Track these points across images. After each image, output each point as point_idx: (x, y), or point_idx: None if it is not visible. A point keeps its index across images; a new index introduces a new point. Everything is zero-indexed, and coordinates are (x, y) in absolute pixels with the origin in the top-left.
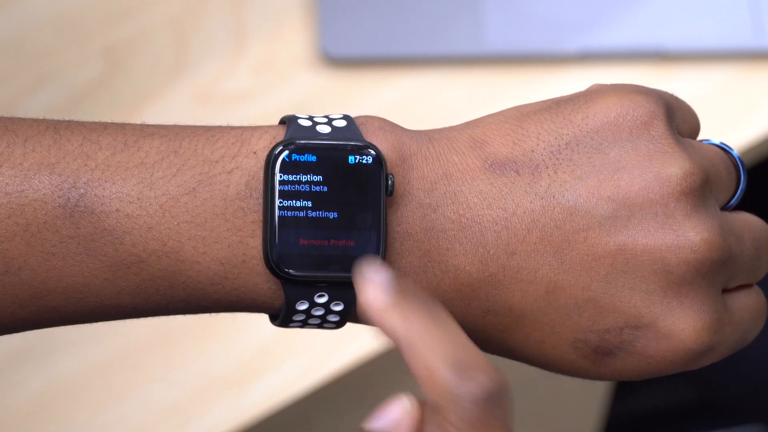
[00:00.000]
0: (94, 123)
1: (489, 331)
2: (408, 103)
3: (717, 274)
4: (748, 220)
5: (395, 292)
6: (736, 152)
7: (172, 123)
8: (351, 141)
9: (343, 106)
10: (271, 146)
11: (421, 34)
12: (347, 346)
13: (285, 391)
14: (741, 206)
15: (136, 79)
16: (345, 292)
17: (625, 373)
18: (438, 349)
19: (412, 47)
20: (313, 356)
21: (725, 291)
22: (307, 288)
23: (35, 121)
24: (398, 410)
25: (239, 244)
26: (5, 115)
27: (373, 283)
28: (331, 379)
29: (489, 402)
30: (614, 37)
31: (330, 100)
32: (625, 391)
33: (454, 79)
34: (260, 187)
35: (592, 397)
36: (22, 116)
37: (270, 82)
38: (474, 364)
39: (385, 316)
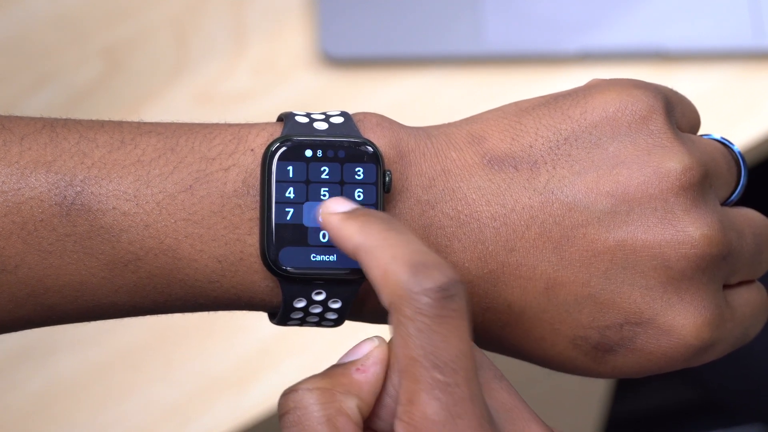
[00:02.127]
0: (91, 121)
1: (489, 328)
2: (408, 103)
3: (717, 270)
4: (748, 215)
5: (352, 208)
6: (736, 147)
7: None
8: (348, 137)
9: (343, 106)
10: (268, 143)
11: (421, 34)
12: (347, 346)
13: None
14: (742, 204)
15: (136, 79)
16: (343, 289)
17: (626, 370)
18: (394, 253)
19: (412, 47)
20: (313, 356)
21: (726, 287)
22: (304, 285)
23: (32, 119)
24: (369, 345)
25: (236, 241)
26: (3, 114)
27: (332, 200)
28: None
29: (442, 293)
30: (614, 37)
31: (330, 100)
32: (625, 390)
33: (454, 79)
34: (257, 184)
35: (592, 397)
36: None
37: (270, 82)
38: (429, 262)
39: (343, 226)
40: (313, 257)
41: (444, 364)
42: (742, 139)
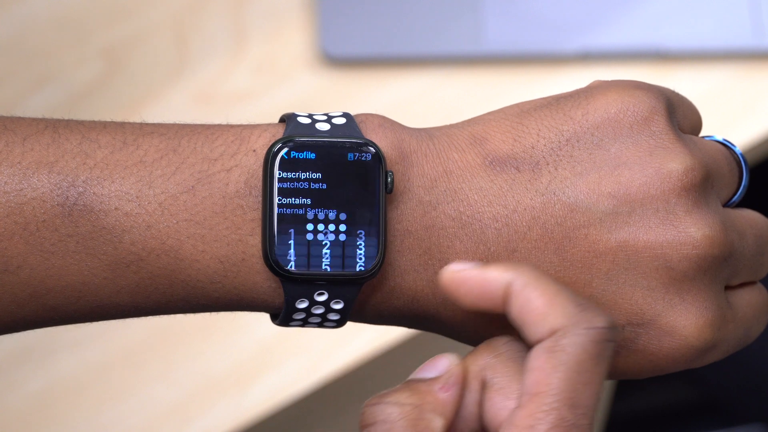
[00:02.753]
0: (93, 122)
1: (491, 329)
2: (408, 103)
3: (719, 271)
4: (750, 216)
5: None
6: (738, 149)
7: (172, 122)
8: (350, 138)
9: (344, 106)
10: (270, 144)
11: (421, 34)
12: (347, 346)
13: (285, 391)
14: (743, 205)
15: (136, 79)
16: (345, 289)
17: (628, 372)
18: (558, 287)
19: (412, 47)
20: (313, 356)
21: (728, 288)
22: (306, 286)
23: (34, 120)
24: (446, 362)
25: (238, 242)
26: (4, 115)
27: (456, 262)
28: (331, 379)
29: (607, 335)
30: (614, 37)
31: (330, 100)
32: (625, 390)
33: (454, 79)
34: (259, 185)
35: None
36: (21, 116)
37: (270, 82)
38: (591, 304)
39: (487, 269)
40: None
41: (578, 406)
42: (741, 139)
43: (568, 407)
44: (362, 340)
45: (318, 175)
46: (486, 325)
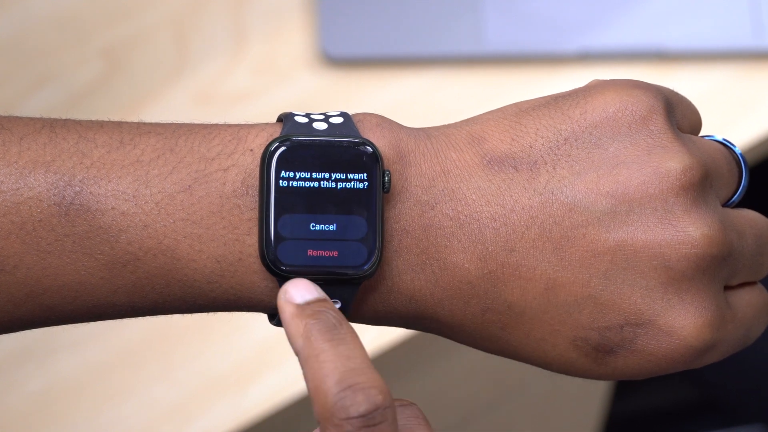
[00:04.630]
0: (91, 121)
1: (489, 329)
2: (408, 103)
3: (718, 270)
4: (750, 216)
5: (308, 299)
6: (738, 148)
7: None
8: (348, 137)
9: (343, 106)
10: (267, 143)
11: (421, 34)
12: None
13: (285, 391)
14: (743, 205)
15: (136, 79)
16: (342, 289)
17: (627, 372)
18: (328, 369)
19: (412, 47)
20: None
21: (727, 288)
22: None
23: (31, 119)
24: None
25: (235, 241)
26: (3, 114)
27: (292, 284)
28: None
29: (366, 422)
30: (614, 37)
31: (330, 100)
32: (625, 390)
33: (454, 79)
34: (256, 184)
35: (592, 397)
36: (19, 115)
37: (270, 82)
38: (360, 384)
39: (290, 323)
40: (313, 257)
41: None
42: (741, 138)
43: None
44: (362, 340)
45: (315, 175)
46: (485, 326)
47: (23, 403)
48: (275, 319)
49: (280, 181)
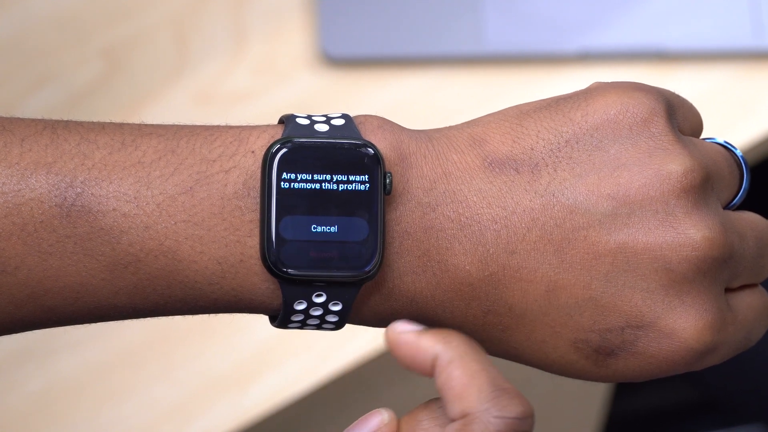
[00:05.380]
0: (92, 123)
1: (490, 331)
2: (408, 103)
3: (719, 272)
4: (751, 218)
5: (423, 327)
6: (739, 151)
7: (172, 123)
8: (349, 139)
9: (343, 106)
10: (269, 145)
11: (421, 34)
12: (347, 346)
13: (285, 391)
14: (744, 207)
15: (136, 79)
16: (343, 291)
17: (628, 374)
18: (480, 366)
19: (412, 47)
20: (313, 356)
21: (728, 291)
22: (304, 287)
23: (33, 120)
24: (377, 421)
25: (237, 243)
26: (4, 115)
27: (399, 322)
28: (331, 379)
29: (514, 426)
30: (614, 37)
31: (330, 100)
32: (625, 391)
33: (454, 79)
34: (258, 186)
35: (592, 397)
36: (21, 116)
37: (270, 82)
38: (510, 389)
39: (421, 338)
40: (314, 259)
41: None
42: (741, 139)
43: None
44: (362, 340)
45: (316, 176)
46: (486, 328)
47: (23, 403)
48: (276, 321)
49: (282, 183)
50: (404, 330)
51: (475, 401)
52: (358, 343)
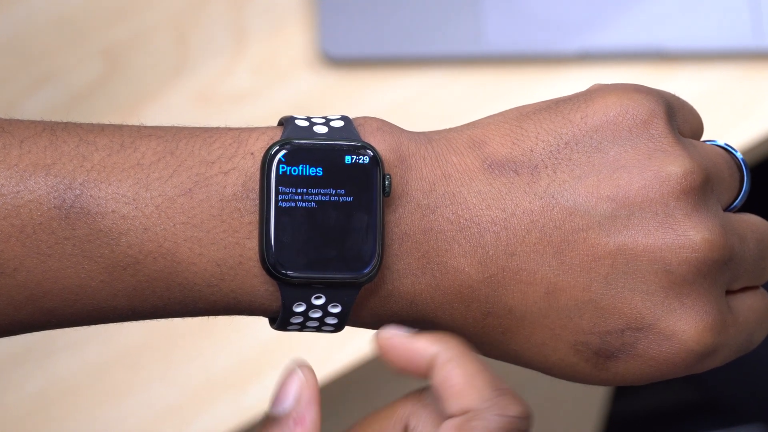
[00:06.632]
0: (91, 124)
1: (489, 333)
2: (408, 103)
3: (719, 274)
4: (751, 220)
5: (416, 330)
6: (740, 153)
7: (172, 123)
8: (348, 141)
9: (343, 106)
10: (268, 147)
11: (421, 34)
12: (347, 347)
13: None
14: (744, 210)
15: (136, 79)
16: (342, 293)
17: (628, 377)
18: (479, 366)
19: (412, 47)
20: (313, 356)
21: (729, 293)
22: (303, 289)
23: (32, 122)
24: (296, 385)
25: (236, 245)
26: (4, 116)
27: (390, 327)
28: (331, 379)
29: (515, 424)
30: (614, 37)
31: (330, 100)
32: (625, 391)
33: (454, 79)
34: (257, 187)
35: (592, 397)
36: (21, 116)
37: (270, 82)
38: (509, 391)
39: (415, 339)
40: (313, 261)
41: None
42: (741, 139)
43: None
44: (362, 341)
45: (315, 178)
46: (485, 331)
47: (22, 404)
48: (275, 323)
49: (281, 185)
50: (395, 334)
51: (476, 399)
52: (357, 343)
